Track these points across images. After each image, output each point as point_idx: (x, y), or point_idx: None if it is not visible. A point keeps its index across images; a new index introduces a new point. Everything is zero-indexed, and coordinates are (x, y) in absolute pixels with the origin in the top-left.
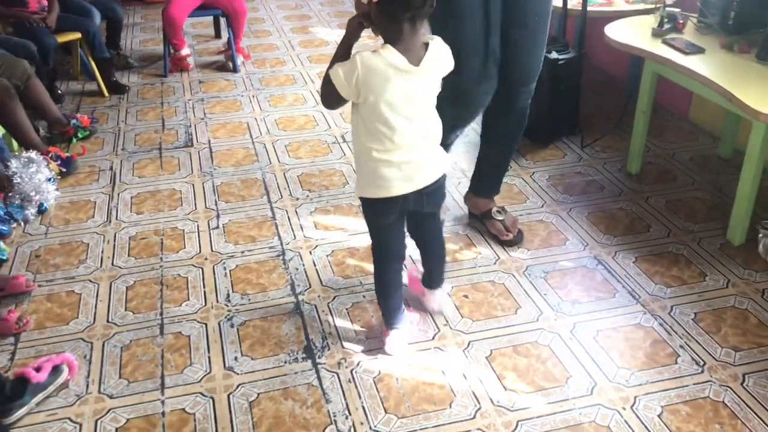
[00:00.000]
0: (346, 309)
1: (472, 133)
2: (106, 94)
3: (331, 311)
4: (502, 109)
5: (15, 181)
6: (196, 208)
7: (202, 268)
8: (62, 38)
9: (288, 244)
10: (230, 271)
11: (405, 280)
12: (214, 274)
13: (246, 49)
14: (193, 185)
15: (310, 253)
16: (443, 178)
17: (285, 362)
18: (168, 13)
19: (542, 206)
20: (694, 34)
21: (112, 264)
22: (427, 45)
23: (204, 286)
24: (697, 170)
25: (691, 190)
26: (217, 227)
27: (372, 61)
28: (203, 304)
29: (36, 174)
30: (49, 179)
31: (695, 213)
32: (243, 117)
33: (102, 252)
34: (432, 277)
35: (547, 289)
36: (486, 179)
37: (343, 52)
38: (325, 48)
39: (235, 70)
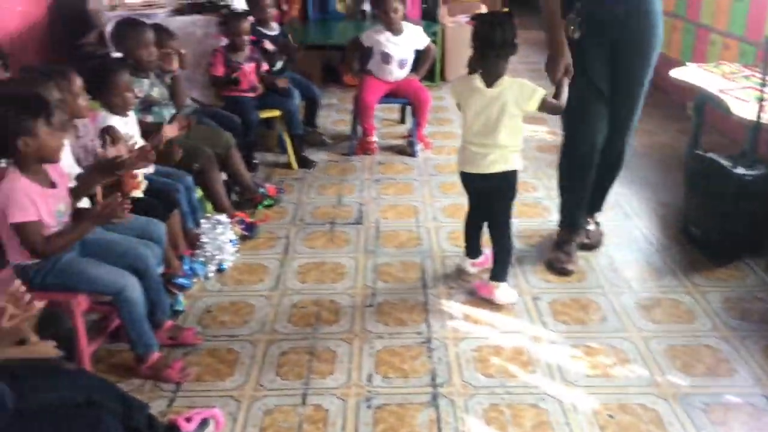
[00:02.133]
0: (483, 409)
1: None
2: (295, 167)
3: (467, 409)
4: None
5: (202, 240)
6: (355, 284)
7: (350, 345)
8: (264, 114)
9: (435, 333)
10: (376, 351)
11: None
12: (361, 352)
13: (427, 137)
14: (356, 261)
15: (456, 345)
16: (507, 174)
17: None
18: (362, 99)
19: (711, 330)
20: None
21: (272, 329)
22: (500, 76)
23: (350, 363)
24: None
25: None
26: (371, 306)
27: (460, 81)
28: (346, 380)
29: (221, 235)
30: (231, 241)
31: None
32: (413, 200)
33: (265, 316)
34: (495, 270)
35: (705, 424)
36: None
37: None
38: None
39: (413, 155)
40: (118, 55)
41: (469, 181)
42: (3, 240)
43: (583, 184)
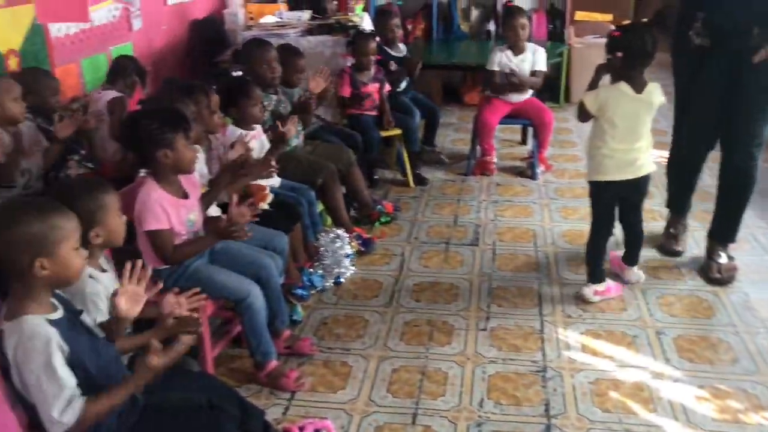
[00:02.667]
0: None
1: None
2: (412, 185)
3: None
4: (722, 166)
5: (322, 253)
6: (468, 306)
7: (463, 367)
8: (385, 133)
9: (551, 362)
10: (489, 376)
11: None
12: (473, 375)
13: (548, 160)
14: (470, 283)
15: (572, 376)
16: (650, 175)
17: None
18: (482, 118)
19: None
20: None
21: (385, 345)
22: (646, 83)
23: (461, 386)
24: None
25: None
26: (485, 329)
27: (609, 90)
28: (457, 403)
29: (339, 249)
30: (348, 256)
31: None
32: (531, 224)
33: (378, 331)
34: (630, 256)
35: None
36: (717, 227)
37: (593, 86)
38: None
39: (533, 177)
40: (238, 72)
41: (613, 189)
42: (140, 246)
43: (684, 183)
